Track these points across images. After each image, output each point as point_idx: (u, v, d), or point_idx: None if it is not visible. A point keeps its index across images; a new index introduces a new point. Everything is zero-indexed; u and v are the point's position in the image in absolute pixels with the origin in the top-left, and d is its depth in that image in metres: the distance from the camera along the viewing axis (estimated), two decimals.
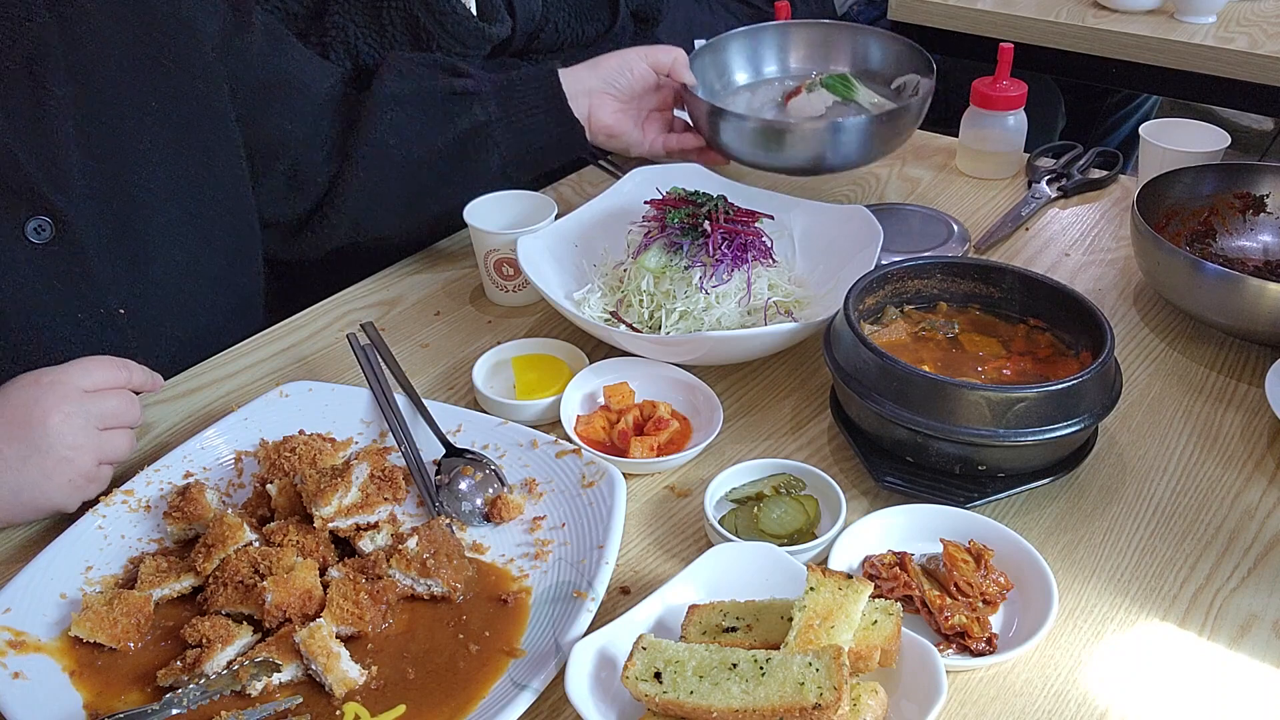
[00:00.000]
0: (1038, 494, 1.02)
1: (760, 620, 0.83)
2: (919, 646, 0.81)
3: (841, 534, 0.94)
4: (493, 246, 1.29)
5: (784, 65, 1.63)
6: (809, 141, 1.40)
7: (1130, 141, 2.69)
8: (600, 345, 1.22)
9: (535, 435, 1.05)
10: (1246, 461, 1.06)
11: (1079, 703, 0.83)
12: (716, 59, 1.61)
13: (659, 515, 1.02)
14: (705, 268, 1.19)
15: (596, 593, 0.87)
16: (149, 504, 1.00)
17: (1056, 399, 0.95)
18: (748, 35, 1.62)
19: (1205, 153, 1.43)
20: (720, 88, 1.61)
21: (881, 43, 1.60)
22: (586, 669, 0.80)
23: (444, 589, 0.89)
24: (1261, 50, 1.96)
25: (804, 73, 1.62)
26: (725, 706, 0.74)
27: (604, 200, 1.36)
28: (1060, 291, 1.09)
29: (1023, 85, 1.57)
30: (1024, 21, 2.19)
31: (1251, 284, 1.14)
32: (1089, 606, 0.91)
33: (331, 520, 0.94)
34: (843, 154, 1.42)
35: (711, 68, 1.60)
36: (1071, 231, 1.48)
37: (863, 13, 2.50)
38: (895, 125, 1.43)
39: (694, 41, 1.71)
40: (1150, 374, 1.19)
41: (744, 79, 1.63)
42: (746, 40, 1.62)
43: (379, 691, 0.83)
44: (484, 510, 0.99)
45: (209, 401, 1.18)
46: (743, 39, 1.62)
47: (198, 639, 0.85)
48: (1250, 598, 0.91)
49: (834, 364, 1.04)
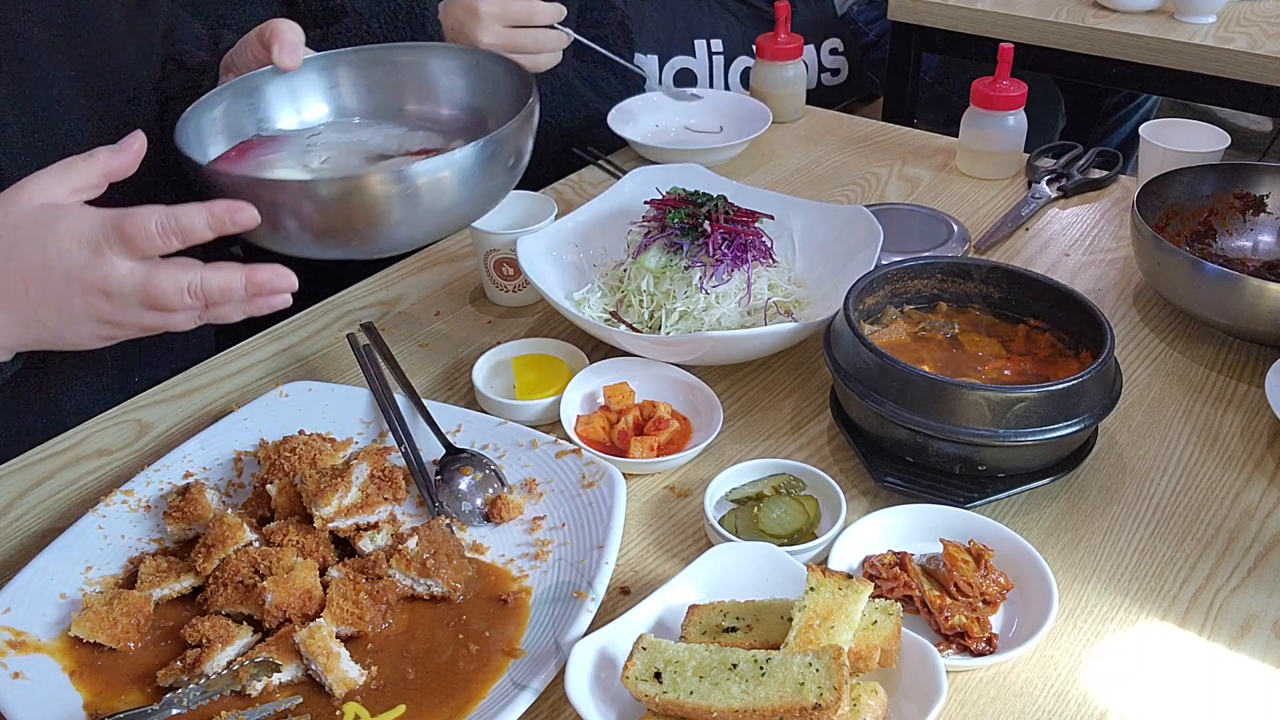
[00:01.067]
0: (1038, 494, 1.02)
1: (760, 620, 0.83)
2: (919, 646, 0.80)
3: (841, 534, 0.94)
4: (493, 246, 1.29)
5: (341, 110, 1.21)
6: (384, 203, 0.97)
7: (1130, 141, 2.70)
8: (600, 345, 1.22)
9: (535, 435, 1.05)
10: (1246, 461, 1.06)
11: (1079, 703, 0.83)
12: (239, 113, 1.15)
13: (659, 515, 1.02)
14: (705, 268, 1.19)
15: (596, 593, 0.87)
16: (149, 504, 1.00)
17: (1056, 399, 0.95)
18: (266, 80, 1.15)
19: (1205, 153, 1.43)
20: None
21: (454, 62, 1.22)
22: (586, 669, 0.79)
23: (444, 589, 0.89)
24: (1261, 50, 1.96)
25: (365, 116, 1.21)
26: (725, 706, 0.74)
27: (604, 200, 1.36)
28: (1060, 291, 1.09)
29: (1023, 85, 1.57)
30: (1024, 21, 2.19)
31: (1251, 284, 1.14)
32: (1089, 606, 0.91)
33: (331, 520, 0.94)
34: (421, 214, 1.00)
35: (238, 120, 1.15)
36: (1071, 231, 1.48)
37: (862, 13, 2.50)
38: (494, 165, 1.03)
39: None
40: (1150, 374, 1.19)
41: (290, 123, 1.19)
42: (278, 85, 1.16)
43: (379, 691, 0.83)
44: (484, 510, 0.99)
45: (209, 401, 1.18)
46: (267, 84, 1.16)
47: (198, 639, 0.85)
48: (1250, 598, 0.91)
49: (834, 364, 1.04)
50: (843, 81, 2.44)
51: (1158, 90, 2.46)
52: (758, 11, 2.33)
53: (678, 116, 1.77)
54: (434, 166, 0.96)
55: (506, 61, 1.17)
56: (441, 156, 0.97)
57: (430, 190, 0.97)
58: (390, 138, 1.17)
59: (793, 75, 1.81)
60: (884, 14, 2.41)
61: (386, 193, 0.94)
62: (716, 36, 2.30)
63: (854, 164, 1.69)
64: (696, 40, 2.30)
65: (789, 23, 1.78)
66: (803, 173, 1.67)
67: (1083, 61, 2.16)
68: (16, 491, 1.06)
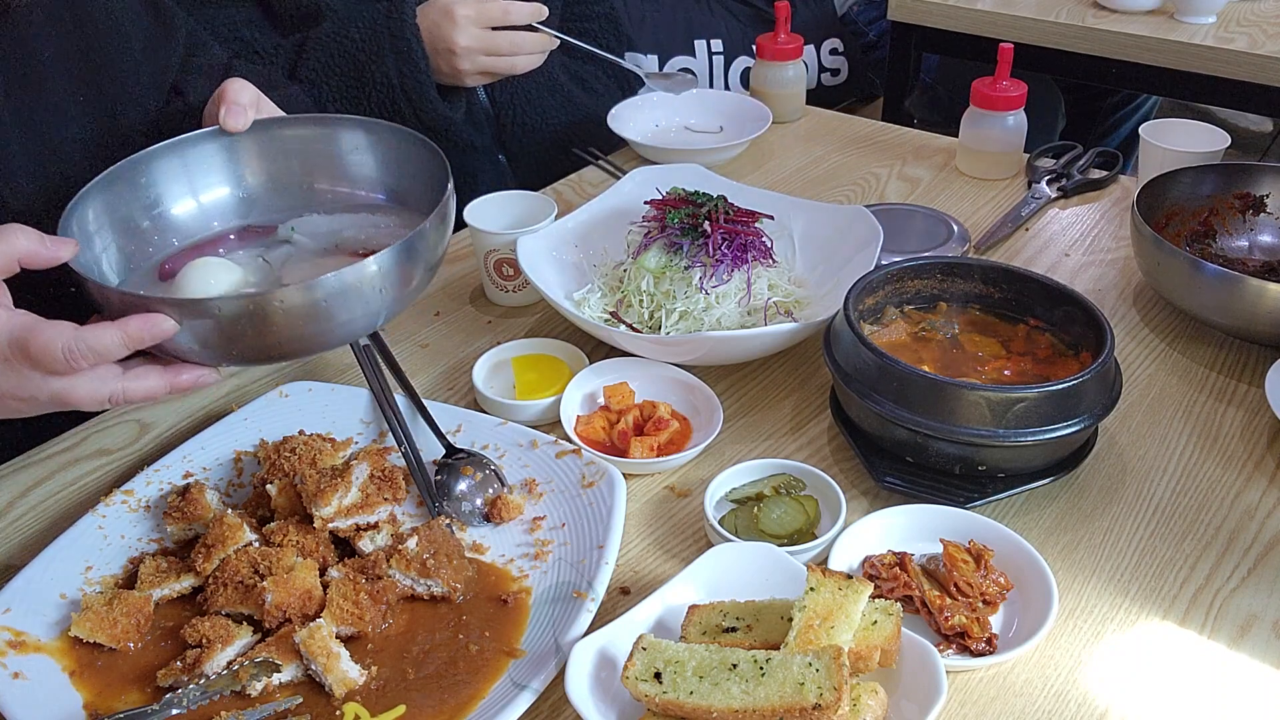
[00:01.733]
0: (1038, 494, 1.02)
1: (760, 620, 0.83)
2: (919, 646, 0.80)
3: (841, 534, 0.94)
4: (493, 246, 1.29)
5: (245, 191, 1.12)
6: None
7: (1130, 141, 2.70)
8: (600, 345, 1.22)
9: (535, 435, 1.05)
10: (1246, 461, 1.06)
11: (1079, 703, 0.83)
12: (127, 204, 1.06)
13: (659, 515, 1.02)
14: (705, 268, 1.19)
15: (596, 593, 0.87)
16: (149, 504, 1.00)
17: (1056, 399, 0.95)
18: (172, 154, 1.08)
19: (1205, 153, 1.43)
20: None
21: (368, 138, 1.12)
22: (586, 669, 0.79)
23: (444, 589, 0.89)
24: (1261, 50, 1.96)
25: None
26: (725, 707, 0.74)
27: (604, 200, 1.36)
28: (1060, 291, 1.09)
29: (1023, 85, 1.57)
30: (1024, 21, 2.19)
31: (1251, 284, 1.14)
32: (1089, 606, 0.91)
33: (331, 520, 0.94)
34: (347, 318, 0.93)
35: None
36: (1071, 231, 1.48)
37: (862, 13, 2.50)
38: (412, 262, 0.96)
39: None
40: (1150, 374, 1.19)
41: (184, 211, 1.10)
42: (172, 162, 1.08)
43: (379, 691, 0.83)
44: (484, 510, 0.99)
45: (209, 401, 1.18)
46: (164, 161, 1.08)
47: (198, 639, 0.85)
48: (1250, 598, 0.91)
49: (834, 364, 1.04)
50: (843, 81, 2.45)
51: (1158, 90, 2.46)
52: (758, 11, 2.33)
53: (678, 116, 1.77)
54: (359, 273, 0.90)
55: (418, 139, 1.08)
56: (367, 262, 0.90)
57: (354, 296, 0.91)
58: (336, 224, 1.11)
59: (793, 75, 1.81)
60: (884, 14, 2.41)
61: (296, 307, 0.88)
62: (716, 36, 2.31)
63: (854, 164, 1.69)
64: (696, 40, 2.30)
65: (789, 23, 1.78)
66: (803, 173, 1.67)
67: (1083, 61, 2.16)
68: (16, 491, 1.06)
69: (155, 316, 0.87)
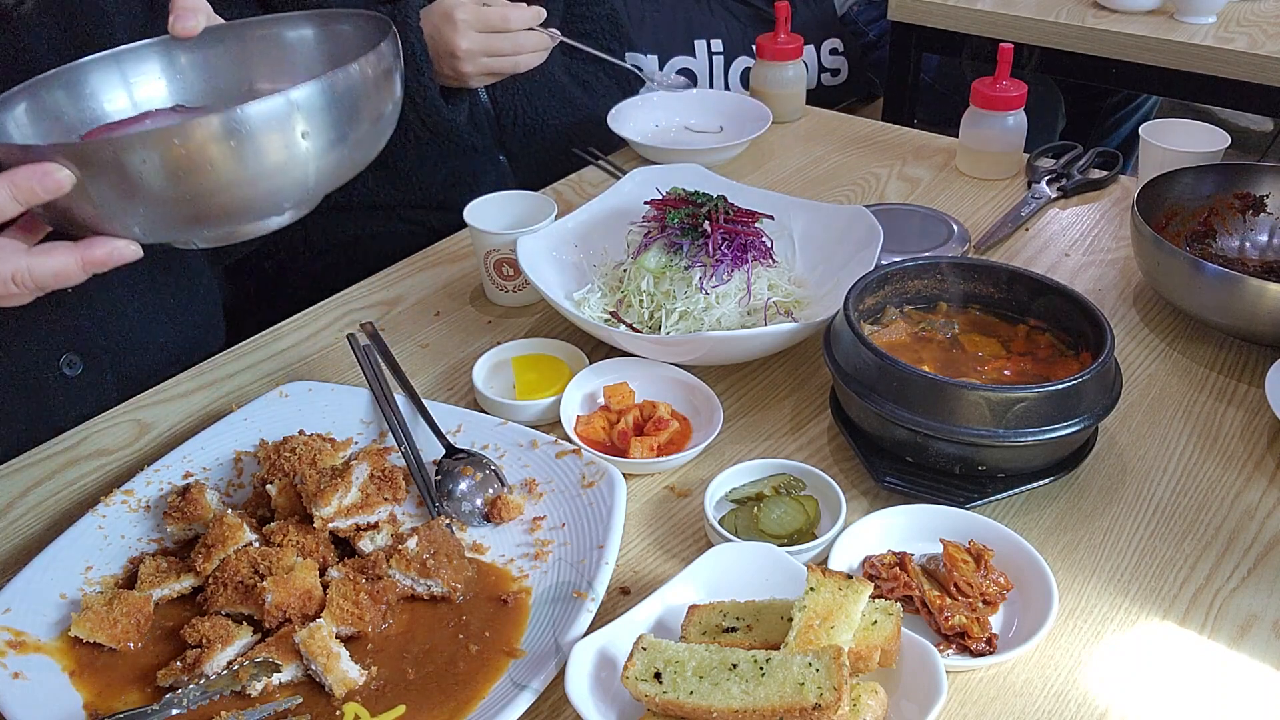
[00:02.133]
0: (1038, 494, 1.02)
1: (760, 620, 0.83)
2: (919, 646, 0.80)
3: (841, 534, 0.94)
4: (493, 246, 1.29)
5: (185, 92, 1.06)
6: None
7: (1130, 141, 2.70)
8: (600, 345, 1.22)
9: (535, 435, 1.05)
10: (1246, 461, 1.06)
11: (1079, 703, 0.83)
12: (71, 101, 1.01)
13: (659, 515, 1.02)
14: (705, 268, 1.19)
15: (596, 593, 0.87)
16: (149, 504, 1.00)
17: (1056, 399, 0.95)
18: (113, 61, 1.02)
19: (1205, 153, 1.43)
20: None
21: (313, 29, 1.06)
22: (586, 669, 0.79)
23: (444, 589, 0.89)
24: (1261, 50, 1.96)
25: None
26: (725, 707, 0.74)
27: (604, 200, 1.36)
28: (1060, 291, 1.09)
29: (1023, 85, 1.57)
30: (1024, 21, 2.19)
31: (1251, 284, 1.14)
32: (1089, 606, 0.91)
33: (331, 520, 0.94)
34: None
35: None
36: (1071, 231, 1.48)
37: (862, 13, 2.50)
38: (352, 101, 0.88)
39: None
40: (1150, 374, 1.19)
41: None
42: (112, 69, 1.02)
43: (379, 692, 0.83)
44: (484, 510, 0.99)
45: (209, 401, 1.18)
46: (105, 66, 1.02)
47: (198, 639, 0.85)
48: (1250, 598, 0.91)
49: (834, 364, 1.04)
50: (843, 81, 2.45)
51: (1158, 90, 2.46)
52: (758, 11, 2.33)
53: (678, 116, 1.77)
54: (271, 108, 0.80)
55: (361, 18, 1.01)
56: (278, 95, 0.80)
57: (269, 140, 0.81)
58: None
59: (793, 75, 1.81)
60: (884, 14, 2.41)
61: (217, 139, 0.79)
62: (716, 36, 2.31)
63: (854, 164, 1.69)
64: (696, 40, 2.30)
65: (789, 23, 1.78)
66: (803, 173, 1.67)
67: (1083, 61, 2.16)
68: (16, 491, 1.06)
69: (46, 165, 0.77)
